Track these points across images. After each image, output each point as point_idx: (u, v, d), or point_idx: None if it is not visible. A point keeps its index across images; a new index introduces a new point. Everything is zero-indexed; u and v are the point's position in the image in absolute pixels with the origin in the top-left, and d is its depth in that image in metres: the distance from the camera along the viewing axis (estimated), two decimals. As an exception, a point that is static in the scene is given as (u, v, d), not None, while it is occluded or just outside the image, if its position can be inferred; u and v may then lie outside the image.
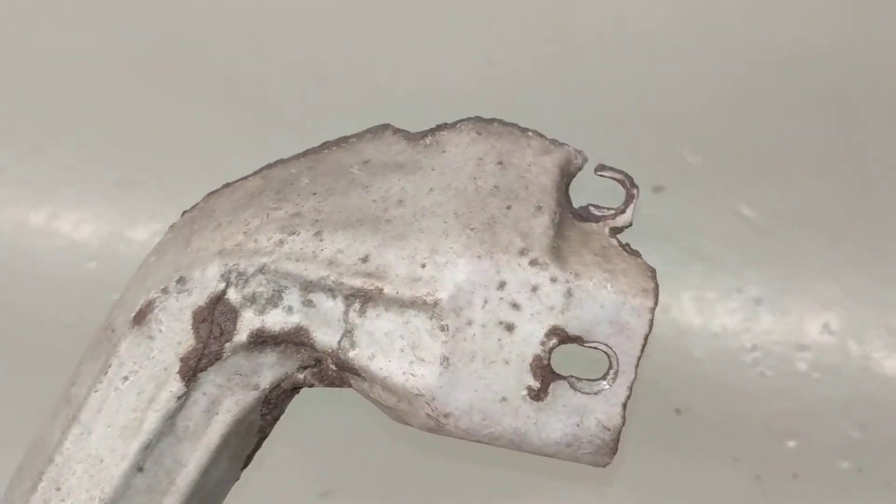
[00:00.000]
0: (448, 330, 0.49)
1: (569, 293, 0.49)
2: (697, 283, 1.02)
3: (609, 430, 0.50)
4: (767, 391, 0.99)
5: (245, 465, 0.55)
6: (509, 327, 0.49)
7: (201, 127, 1.00)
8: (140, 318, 0.50)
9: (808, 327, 1.02)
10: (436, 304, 0.49)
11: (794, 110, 1.03)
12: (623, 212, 0.52)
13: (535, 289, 0.49)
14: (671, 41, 1.03)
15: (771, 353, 1.01)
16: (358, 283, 0.49)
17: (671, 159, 1.03)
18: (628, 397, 0.50)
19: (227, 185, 0.55)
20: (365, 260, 0.49)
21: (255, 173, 0.55)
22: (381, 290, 0.49)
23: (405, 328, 0.49)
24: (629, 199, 0.52)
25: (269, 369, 0.51)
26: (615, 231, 0.52)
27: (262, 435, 0.54)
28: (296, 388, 0.53)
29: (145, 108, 1.02)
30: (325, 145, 0.54)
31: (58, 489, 0.51)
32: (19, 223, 1.03)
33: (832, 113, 1.03)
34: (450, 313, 0.49)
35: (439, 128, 0.53)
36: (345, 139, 0.54)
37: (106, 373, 0.50)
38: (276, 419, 0.54)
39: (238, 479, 0.55)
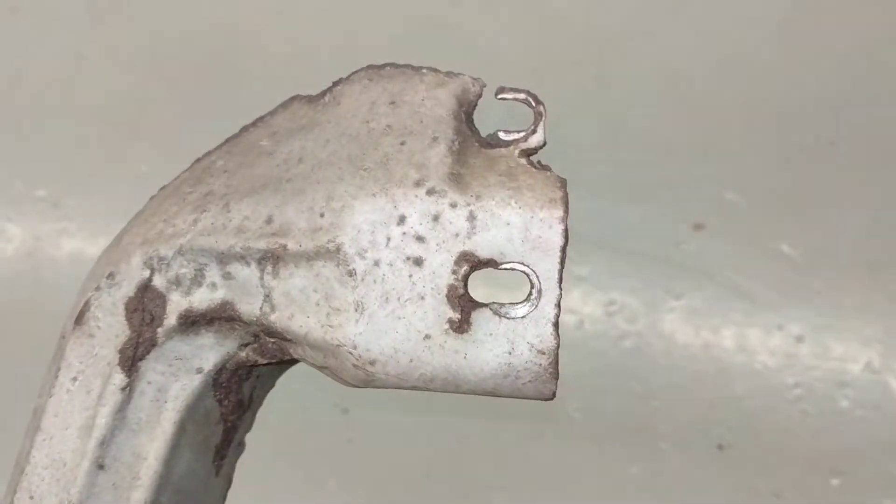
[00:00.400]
0: (356, 274, 0.48)
1: (472, 216, 0.47)
2: (739, 320, 1.02)
3: (544, 353, 0.48)
4: (810, 428, 0.97)
5: (218, 458, 0.55)
6: (418, 261, 0.48)
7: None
8: (80, 318, 0.52)
9: (849, 365, 1.00)
10: (338, 249, 0.48)
11: (833, 149, 1.03)
12: (534, 132, 0.50)
13: (436, 218, 0.47)
14: (710, 81, 1.04)
15: (813, 391, 0.99)
16: (263, 244, 0.49)
17: (711, 198, 1.04)
18: (558, 315, 0.47)
19: (163, 188, 0.56)
20: (269, 221, 0.49)
21: (185, 170, 0.56)
22: (286, 246, 0.49)
23: (316, 281, 0.48)
24: (537, 117, 0.50)
25: (209, 350, 0.51)
26: (527, 153, 0.50)
27: (228, 424, 0.54)
28: (248, 371, 0.53)
29: (198, 143, 1.06)
30: (244, 129, 0.55)
31: (31, 497, 0.52)
32: (76, 256, 1.10)
33: (872, 152, 1.02)
34: (354, 257, 0.48)
35: (335, 83, 0.52)
36: (260, 119, 0.55)
37: (57, 377, 0.52)
38: (240, 406, 0.54)
39: (217, 474, 0.55)
